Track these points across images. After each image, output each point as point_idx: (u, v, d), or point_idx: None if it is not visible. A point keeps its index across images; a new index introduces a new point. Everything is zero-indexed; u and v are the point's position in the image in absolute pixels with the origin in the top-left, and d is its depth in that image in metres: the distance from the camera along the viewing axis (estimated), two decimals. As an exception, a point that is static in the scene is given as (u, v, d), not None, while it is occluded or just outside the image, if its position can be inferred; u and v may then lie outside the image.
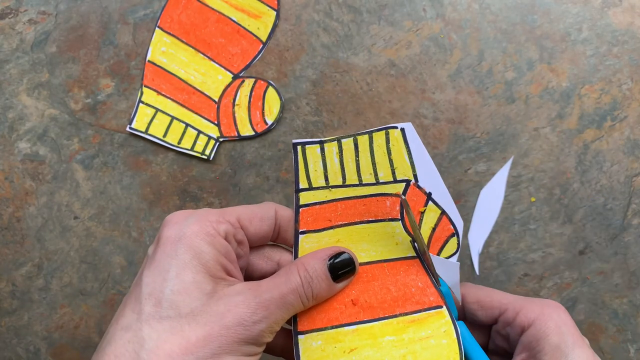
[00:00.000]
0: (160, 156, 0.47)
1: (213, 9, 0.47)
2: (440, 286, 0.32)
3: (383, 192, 0.33)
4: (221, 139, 0.46)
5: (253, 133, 0.46)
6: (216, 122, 0.47)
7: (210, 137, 0.46)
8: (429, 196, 0.32)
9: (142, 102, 0.47)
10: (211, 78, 0.47)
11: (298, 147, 0.33)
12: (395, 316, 0.31)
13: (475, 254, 0.45)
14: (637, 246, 0.45)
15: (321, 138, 0.34)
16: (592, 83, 0.45)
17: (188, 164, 0.47)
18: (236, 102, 0.47)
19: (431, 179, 0.32)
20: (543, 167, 0.45)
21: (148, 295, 0.27)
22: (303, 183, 0.33)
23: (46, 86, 0.47)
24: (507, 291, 0.45)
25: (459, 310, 0.33)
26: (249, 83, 0.47)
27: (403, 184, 0.32)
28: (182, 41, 0.47)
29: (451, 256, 0.32)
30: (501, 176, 0.45)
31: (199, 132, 0.46)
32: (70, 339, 0.46)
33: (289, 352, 0.31)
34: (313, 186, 0.33)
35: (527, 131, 0.45)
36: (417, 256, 0.32)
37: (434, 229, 0.33)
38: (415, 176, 0.32)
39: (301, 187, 0.33)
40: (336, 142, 0.33)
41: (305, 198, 0.33)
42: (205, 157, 0.46)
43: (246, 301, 0.27)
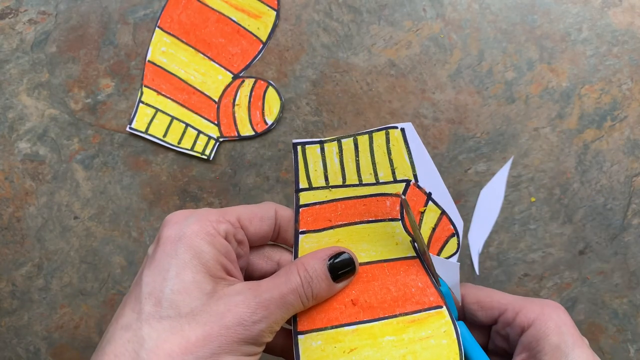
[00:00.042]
0: (160, 156, 0.47)
1: (213, 9, 0.47)
2: (440, 286, 0.32)
3: (383, 192, 0.33)
4: (221, 139, 0.46)
5: (253, 133, 0.46)
6: (216, 122, 0.47)
7: (210, 137, 0.46)
8: (429, 196, 0.32)
9: (142, 102, 0.47)
10: (211, 78, 0.47)
11: (298, 147, 0.33)
12: (395, 316, 0.31)
13: (475, 254, 0.45)
14: (637, 246, 0.45)
15: (321, 138, 0.34)
16: (592, 83, 0.45)
17: (188, 164, 0.47)
18: (236, 102, 0.47)
19: (431, 179, 0.32)
20: (543, 167, 0.45)
21: (148, 294, 0.27)
22: (303, 183, 0.33)
23: (46, 86, 0.47)
24: (507, 291, 0.45)
25: (459, 310, 0.33)
26: (249, 83, 0.47)
27: (403, 184, 0.32)
28: (182, 41, 0.47)
29: (451, 256, 0.32)
30: (501, 176, 0.45)
31: (199, 132, 0.46)
32: (70, 339, 0.46)
33: (289, 352, 0.31)
34: (313, 186, 0.33)
35: (527, 131, 0.45)
36: (417, 256, 0.32)
37: (434, 229, 0.33)
38: (415, 176, 0.32)
39: (301, 187, 0.33)
40: (336, 142, 0.33)
41: (305, 198, 0.33)
42: (205, 157, 0.46)
43: (246, 301, 0.27)
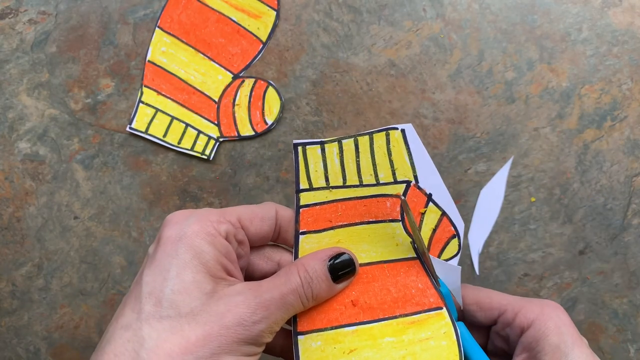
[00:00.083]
0: (160, 156, 0.47)
1: (213, 9, 0.47)
2: (439, 287, 0.32)
3: (383, 193, 0.33)
4: (221, 139, 0.46)
5: (253, 133, 0.46)
6: (216, 122, 0.47)
7: (210, 137, 0.46)
8: (430, 197, 0.32)
9: (142, 102, 0.47)
10: (211, 78, 0.47)
11: (299, 148, 0.33)
12: (395, 317, 0.31)
13: (475, 254, 0.45)
14: (637, 246, 0.45)
15: (322, 138, 0.34)
16: (592, 83, 0.45)
17: (188, 164, 0.47)
18: (236, 102, 0.47)
19: (431, 180, 0.32)
20: (543, 167, 0.45)
21: (148, 294, 0.27)
22: (303, 183, 0.33)
23: (46, 86, 0.47)
24: (507, 291, 0.45)
25: (458, 311, 0.33)
26: (249, 83, 0.47)
27: (403, 185, 0.32)
28: (182, 41, 0.47)
29: (452, 258, 0.32)
30: (501, 176, 0.45)
31: (199, 132, 0.46)
32: (70, 339, 0.46)
33: (289, 353, 0.31)
34: (313, 187, 0.33)
35: (527, 131, 0.45)
36: (418, 257, 0.32)
37: (435, 230, 0.33)
38: (415, 177, 0.32)
39: (302, 188, 0.33)
40: (337, 143, 0.33)
41: (305, 198, 0.33)
42: (205, 157, 0.46)
43: (246, 301, 0.27)
